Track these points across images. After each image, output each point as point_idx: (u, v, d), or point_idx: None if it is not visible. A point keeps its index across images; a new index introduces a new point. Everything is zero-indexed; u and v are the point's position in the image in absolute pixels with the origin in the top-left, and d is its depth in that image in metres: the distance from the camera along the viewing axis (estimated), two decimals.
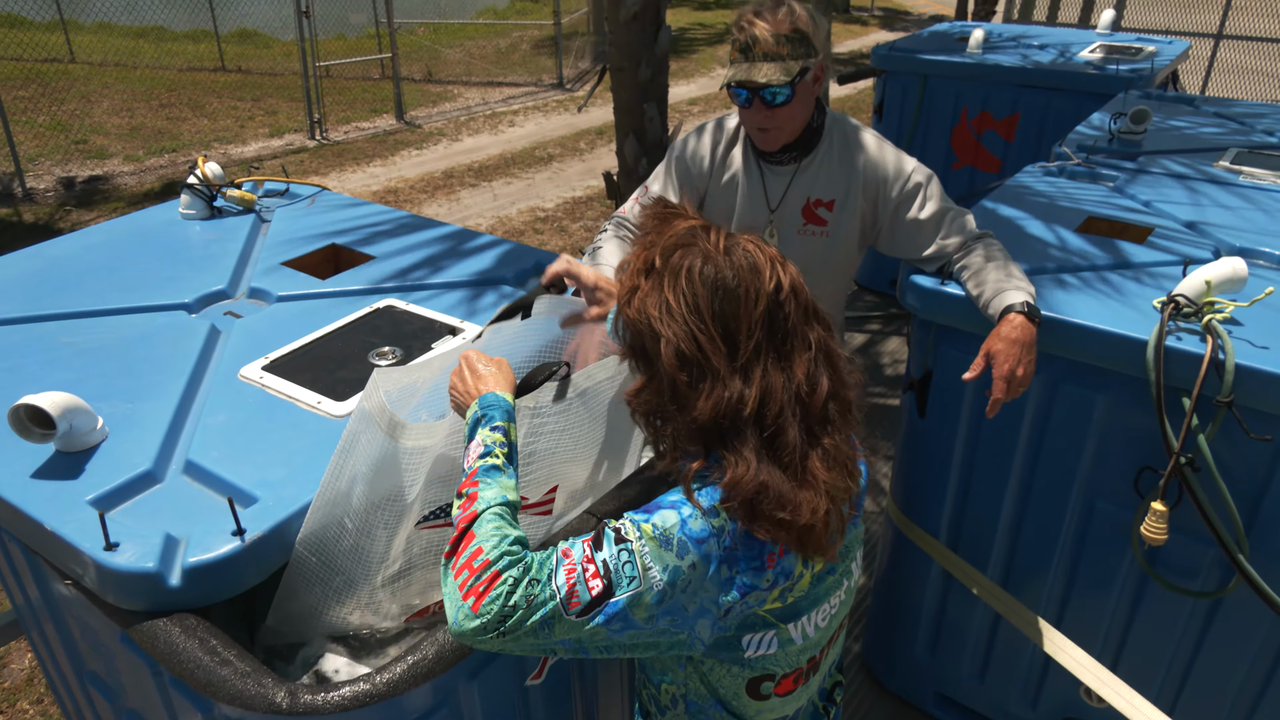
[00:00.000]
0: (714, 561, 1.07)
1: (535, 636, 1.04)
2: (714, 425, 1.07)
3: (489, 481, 1.14)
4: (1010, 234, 2.29)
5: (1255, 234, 2.27)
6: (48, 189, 7.38)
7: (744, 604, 1.11)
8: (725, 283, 1.08)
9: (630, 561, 1.05)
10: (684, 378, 1.08)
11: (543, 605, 1.03)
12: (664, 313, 1.09)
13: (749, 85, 1.85)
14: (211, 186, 2.47)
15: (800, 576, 1.14)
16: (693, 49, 13.94)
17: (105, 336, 1.83)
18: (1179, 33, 8.11)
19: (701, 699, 1.23)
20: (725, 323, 1.08)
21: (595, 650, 1.09)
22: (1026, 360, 1.77)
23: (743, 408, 1.06)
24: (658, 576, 1.05)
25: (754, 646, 1.15)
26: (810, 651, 1.23)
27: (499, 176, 7.87)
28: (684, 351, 1.07)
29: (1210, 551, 1.88)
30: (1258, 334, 1.79)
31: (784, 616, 1.15)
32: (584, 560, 1.06)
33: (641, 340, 1.12)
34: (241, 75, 11.61)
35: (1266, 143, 3.04)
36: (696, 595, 1.08)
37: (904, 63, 4.58)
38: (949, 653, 2.46)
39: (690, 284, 1.09)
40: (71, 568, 1.33)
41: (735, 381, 1.07)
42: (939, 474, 2.24)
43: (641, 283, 1.13)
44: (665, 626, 1.08)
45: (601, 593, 1.04)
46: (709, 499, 1.08)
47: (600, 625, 1.05)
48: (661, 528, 1.06)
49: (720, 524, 1.07)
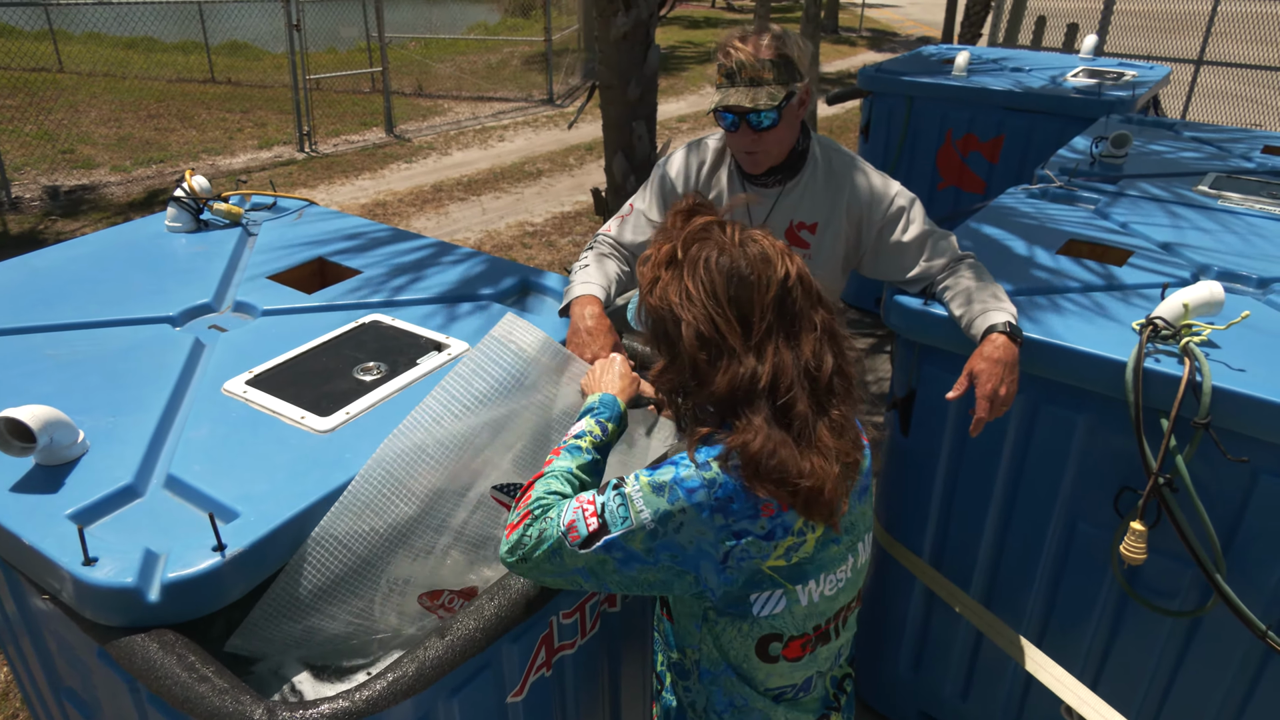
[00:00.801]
0: (706, 509, 1.19)
1: (550, 564, 1.24)
2: (730, 398, 1.20)
3: (568, 455, 1.35)
4: (993, 255, 2.32)
5: (1232, 257, 2.31)
6: (33, 198, 7.34)
7: (744, 551, 1.21)
8: (739, 271, 1.21)
9: (624, 504, 1.21)
10: (703, 357, 1.20)
11: (549, 538, 1.23)
12: (684, 299, 1.22)
13: (735, 110, 1.87)
14: (198, 200, 2.46)
15: (803, 535, 1.24)
16: (683, 67, 14.05)
17: (88, 349, 1.82)
18: (1161, 58, 8.26)
19: (714, 664, 1.33)
20: (740, 306, 1.20)
21: (614, 584, 1.24)
22: (1009, 380, 1.78)
23: (756, 382, 1.18)
24: (647, 515, 1.19)
25: (761, 604, 1.26)
26: (817, 619, 1.32)
27: (488, 191, 7.89)
28: (703, 333, 1.20)
29: (1189, 571, 1.90)
30: (1234, 356, 1.82)
31: (790, 577, 1.25)
32: (586, 503, 1.23)
33: (664, 325, 1.25)
34: (231, 87, 11.61)
35: (1244, 168, 3.09)
36: (693, 537, 1.20)
37: (890, 84, 4.64)
38: (932, 671, 2.46)
39: (708, 272, 1.21)
40: (49, 582, 1.32)
41: (749, 359, 1.19)
42: (922, 492, 2.25)
43: (663, 274, 1.26)
44: (668, 563, 1.22)
45: (598, 529, 1.21)
46: (705, 455, 1.20)
47: (603, 554, 1.21)
48: (657, 478, 1.21)
49: (712, 477, 1.19)
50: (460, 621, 1.32)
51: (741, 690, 1.34)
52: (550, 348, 1.58)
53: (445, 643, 1.28)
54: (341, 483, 1.42)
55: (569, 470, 1.32)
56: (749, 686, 1.34)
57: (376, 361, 1.77)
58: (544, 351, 1.56)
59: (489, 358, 1.51)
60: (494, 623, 1.34)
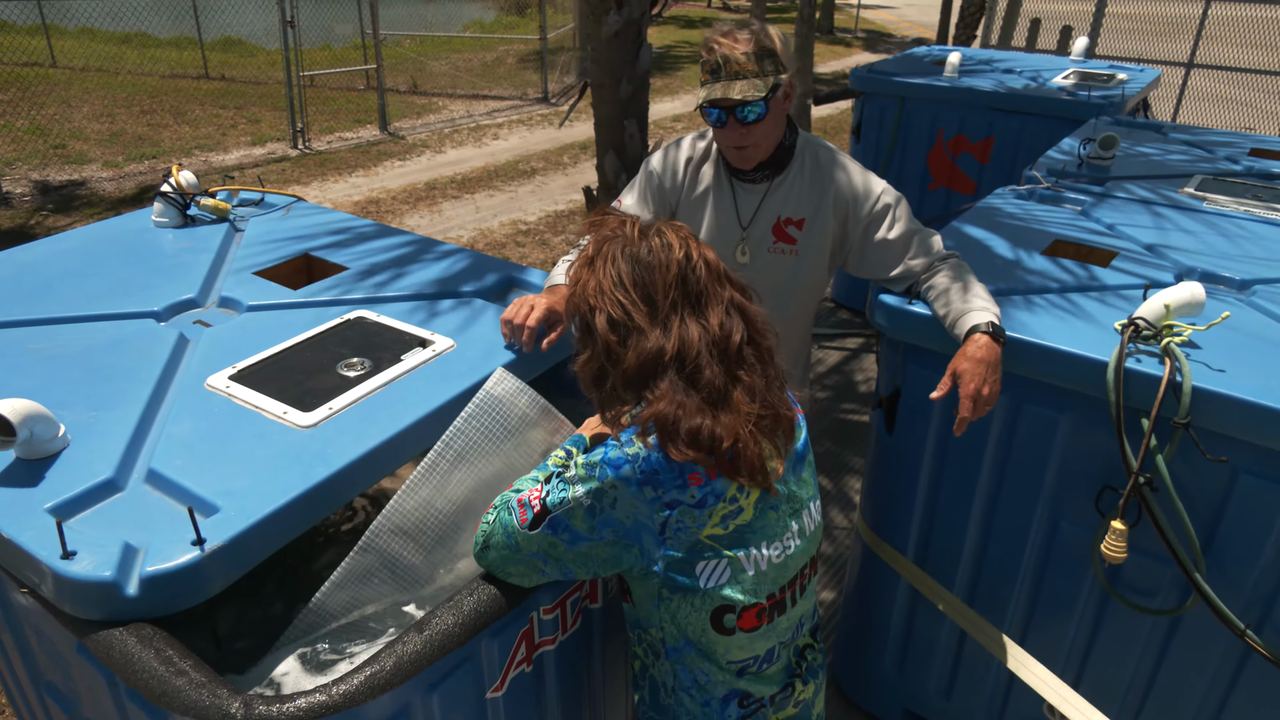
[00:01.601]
0: (633, 483, 1.26)
1: (510, 552, 1.34)
2: (639, 373, 1.29)
3: (536, 470, 1.45)
4: (979, 255, 2.33)
5: (1215, 258, 2.32)
6: (24, 193, 7.31)
7: (678, 521, 1.27)
8: (641, 257, 1.32)
9: (562, 484, 1.29)
10: (614, 339, 1.31)
11: (504, 524, 1.34)
12: (598, 292, 1.33)
13: (723, 104, 1.88)
14: (185, 195, 2.46)
15: (736, 502, 1.29)
16: (677, 66, 14.05)
17: (71, 343, 1.82)
18: (1152, 61, 8.29)
19: (676, 642, 1.39)
20: (644, 288, 1.31)
21: (572, 564, 1.32)
22: (992, 380, 1.79)
23: (663, 355, 1.28)
24: (581, 491, 1.27)
25: (707, 575, 1.31)
26: (769, 587, 1.36)
27: (482, 189, 7.89)
28: (613, 317, 1.31)
29: (1169, 570, 1.91)
30: (1215, 357, 1.83)
31: (730, 544, 1.31)
32: (532, 490, 1.34)
33: (584, 320, 1.36)
34: (225, 83, 11.58)
35: (1230, 170, 3.11)
36: (628, 511, 1.27)
37: (882, 85, 4.65)
38: (916, 669, 2.47)
39: (615, 264, 1.33)
40: (28, 576, 1.31)
41: (655, 333, 1.29)
42: (907, 491, 2.26)
43: (584, 274, 1.37)
44: (610, 538, 1.29)
45: (541, 511, 1.30)
46: (627, 434, 1.29)
47: (550, 535, 1.30)
48: (590, 458, 1.29)
49: (635, 452, 1.26)
50: (439, 616, 1.32)
51: (703, 665, 1.38)
52: (536, 403, 1.62)
53: (424, 637, 1.28)
54: (323, 478, 1.42)
55: (533, 478, 1.42)
56: (709, 661, 1.38)
57: (360, 357, 1.77)
58: (528, 405, 1.61)
59: (482, 412, 1.55)
60: (473, 617, 1.34)
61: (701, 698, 1.41)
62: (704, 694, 1.40)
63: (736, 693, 1.41)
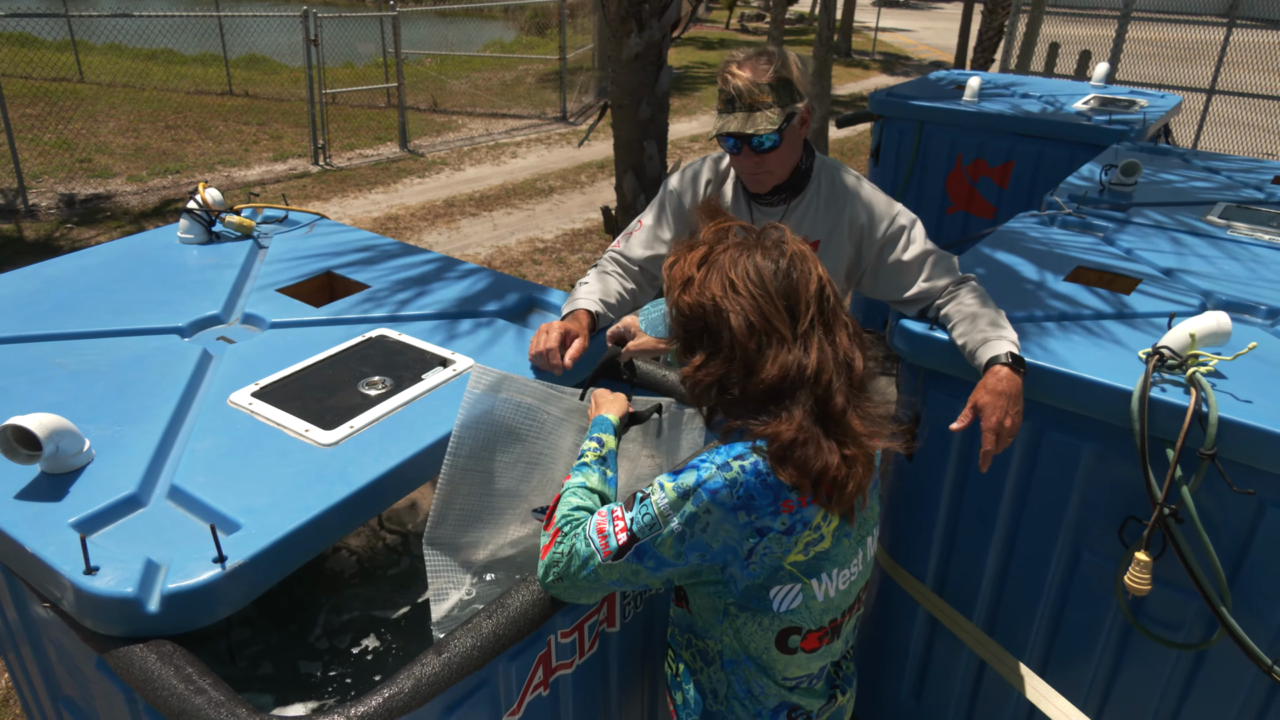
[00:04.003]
0: (729, 508, 1.22)
1: (587, 580, 1.29)
2: (779, 385, 1.23)
3: (575, 474, 1.43)
4: (1001, 280, 2.32)
5: (1241, 287, 2.30)
6: (50, 206, 7.42)
7: (766, 548, 1.25)
8: (782, 265, 1.26)
9: (649, 513, 1.25)
10: (753, 345, 1.23)
11: (581, 554, 1.29)
12: (729, 290, 1.25)
13: (737, 136, 1.89)
14: (211, 212, 2.49)
15: (819, 530, 1.28)
16: (695, 87, 14.13)
17: (97, 358, 1.83)
18: (1173, 87, 8.26)
19: (735, 655, 1.38)
20: (787, 297, 1.25)
21: (651, 583, 1.30)
22: (1013, 412, 1.78)
23: (804, 369, 1.22)
24: (675, 521, 1.23)
25: (781, 599, 1.30)
26: (832, 613, 1.37)
27: (500, 207, 7.94)
28: (752, 321, 1.23)
29: (1194, 603, 1.88)
30: (1241, 387, 1.81)
31: (808, 571, 1.30)
32: (614, 518, 1.28)
33: (702, 320, 1.27)
34: (248, 99, 11.74)
35: (1254, 198, 3.08)
36: (718, 534, 1.24)
37: (901, 109, 4.66)
38: (934, 699, 2.44)
39: (753, 264, 1.26)
40: (51, 590, 1.32)
41: (797, 348, 1.23)
42: (926, 518, 2.24)
43: (696, 273, 1.29)
44: (696, 562, 1.27)
45: (628, 541, 1.26)
46: (724, 456, 1.24)
47: (636, 564, 1.26)
48: (681, 483, 1.24)
49: (733, 476, 1.22)
50: (457, 638, 1.32)
51: (759, 679, 1.39)
52: (527, 388, 1.65)
53: (442, 660, 1.28)
54: (344, 496, 1.42)
55: (582, 485, 1.40)
56: (766, 676, 1.39)
57: (382, 376, 1.78)
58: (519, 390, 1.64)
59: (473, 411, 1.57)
60: (491, 640, 1.34)
61: (754, 708, 1.42)
62: (756, 704, 1.42)
63: (787, 705, 1.43)
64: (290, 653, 1.74)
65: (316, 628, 1.82)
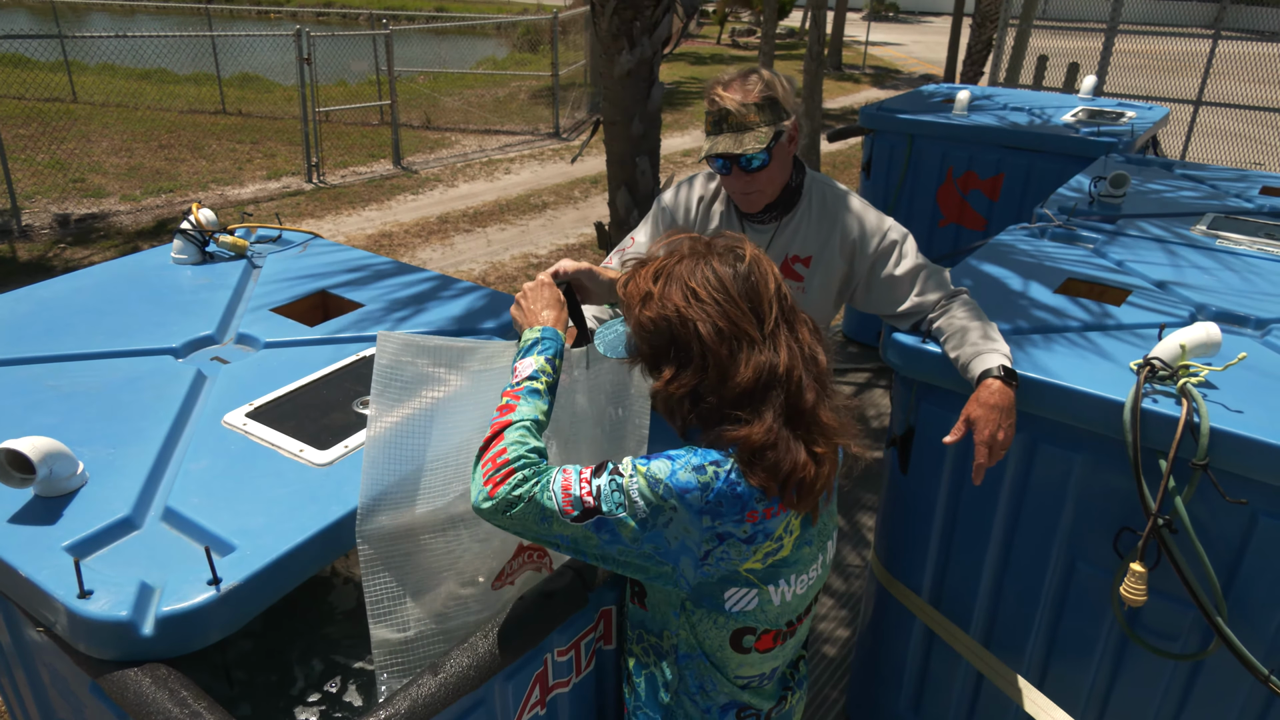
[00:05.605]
0: (695, 510, 1.22)
1: (537, 526, 1.23)
2: (754, 387, 1.22)
3: (529, 400, 1.31)
4: (992, 293, 2.33)
5: (1230, 297, 2.32)
6: (43, 226, 7.41)
7: (723, 553, 1.25)
8: (741, 267, 1.27)
9: (618, 490, 1.22)
10: (724, 351, 1.23)
11: (542, 504, 1.22)
12: (691, 299, 1.24)
13: (726, 156, 1.90)
14: (204, 232, 2.49)
15: (780, 540, 1.29)
16: (687, 102, 14.21)
17: (90, 380, 1.83)
18: (1160, 98, 8.33)
19: (690, 650, 1.39)
20: (750, 298, 1.25)
21: (591, 556, 1.26)
22: (1006, 425, 1.79)
23: (776, 370, 1.23)
24: (641, 507, 1.21)
25: (735, 600, 1.31)
26: (789, 615, 1.39)
27: (493, 223, 7.96)
28: (720, 327, 1.23)
29: (1190, 613, 1.88)
30: (1232, 398, 1.82)
31: (764, 578, 1.31)
32: (581, 480, 1.23)
33: (668, 333, 1.26)
34: (241, 118, 11.77)
35: (1242, 208, 3.11)
36: (679, 533, 1.24)
37: (891, 122, 4.69)
38: (932, 711, 2.43)
39: (711, 270, 1.26)
40: (44, 614, 1.32)
41: (767, 349, 1.24)
42: (921, 530, 2.24)
43: (653, 287, 1.28)
44: (649, 552, 1.25)
45: (592, 508, 1.22)
46: (702, 459, 1.23)
47: (591, 532, 1.23)
48: (652, 472, 1.22)
49: (707, 480, 1.22)
50: (454, 658, 1.32)
51: (712, 675, 1.40)
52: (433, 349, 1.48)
53: (438, 680, 1.28)
54: (339, 517, 1.42)
55: (535, 419, 1.29)
56: (719, 673, 1.40)
57: None
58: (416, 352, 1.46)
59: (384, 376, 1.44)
60: (488, 660, 1.34)
61: (704, 704, 1.43)
62: (707, 700, 1.43)
63: (736, 703, 1.44)
64: (289, 668, 1.73)
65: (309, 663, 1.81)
